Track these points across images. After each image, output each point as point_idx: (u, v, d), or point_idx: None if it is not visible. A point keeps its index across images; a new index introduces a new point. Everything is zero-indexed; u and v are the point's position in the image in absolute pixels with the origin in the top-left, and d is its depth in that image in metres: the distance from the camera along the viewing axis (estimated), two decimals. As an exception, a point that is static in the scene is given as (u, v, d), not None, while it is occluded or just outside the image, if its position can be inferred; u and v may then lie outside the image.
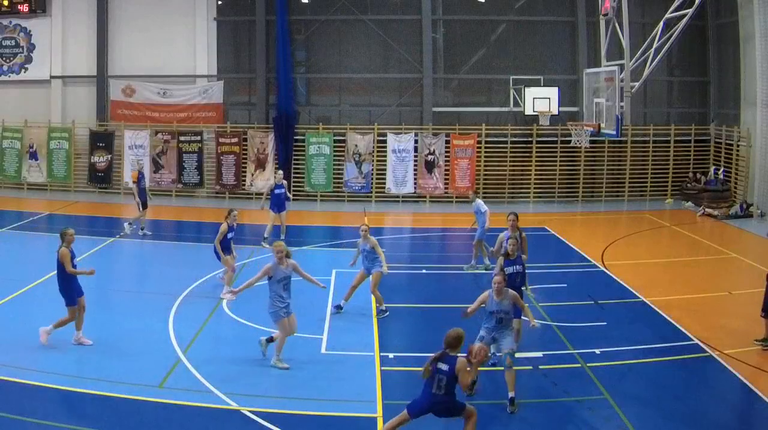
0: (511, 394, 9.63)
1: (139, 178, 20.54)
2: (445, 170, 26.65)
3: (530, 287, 15.17)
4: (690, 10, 20.96)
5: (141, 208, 20.34)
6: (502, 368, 9.97)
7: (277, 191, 19.08)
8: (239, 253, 17.92)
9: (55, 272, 11.76)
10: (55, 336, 11.90)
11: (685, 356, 11.58)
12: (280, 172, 20.20)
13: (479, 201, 17.20)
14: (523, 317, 11.10)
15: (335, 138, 26.77)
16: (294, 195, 26.32)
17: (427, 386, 8.14)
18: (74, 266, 11.72)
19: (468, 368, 8.13)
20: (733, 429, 9.59)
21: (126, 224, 20.44)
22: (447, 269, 16.89)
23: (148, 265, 17.81)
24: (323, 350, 11.73)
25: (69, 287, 11.64)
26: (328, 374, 10.80)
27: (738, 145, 25.31)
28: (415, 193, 26.72)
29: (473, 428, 8.22)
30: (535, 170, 26.80)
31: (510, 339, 10.02)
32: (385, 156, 26.58)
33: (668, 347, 11.96)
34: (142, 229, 20.43)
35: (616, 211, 25.59)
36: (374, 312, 13.58)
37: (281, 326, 10.92)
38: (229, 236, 15.05)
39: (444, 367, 8.01)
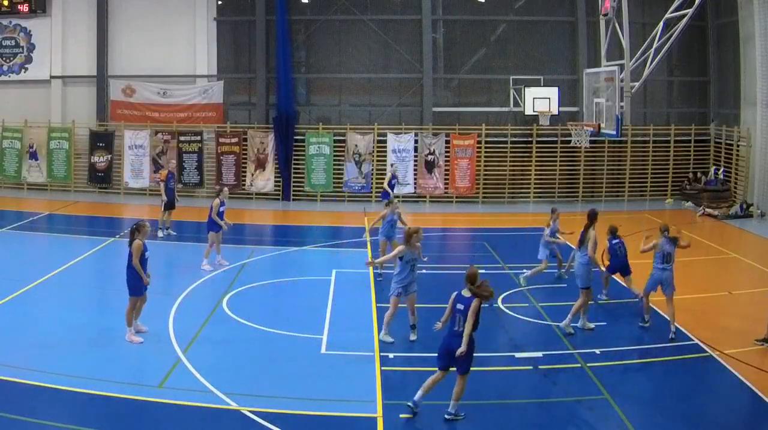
0: None
1: (168, 178, 20.18)
2: (445, 170, 26.65)
3: (527, 287, 15.23)
4: (690, 10, 20.96)
5: (165, 208, 20.08)
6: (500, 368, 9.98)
7: (222, 209, 16.95)
8: (239, 253, 17.96)
9: (126, 263, 12.00)
10: (55, 336, 11.92)
11: (685, 356, 11.58)
12: (226, 189, 18.02)
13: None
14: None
15: (335, 138, 26.77)
16: (294, 195, 26.39)
17: (449, 327, 9.44)
18: (145, 260, 11.92)
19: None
20: (734, 429, 9.58)
21: (159, 231, 19.71)
22: (447, 269, 16.87)
23: (148, 265, 17.77)
24: (323, 350, 11.73)
25: (137, 278, 11.82)
26: (328, 374, 10.80)
27: (738, 145, 25.31)
28: (415, 193, 26.72)
29: (463, 387, 9.31)
30: (535, 170, 26.80)
31: None
32: (385, 156, 26.58)
33: (668, 347, 11.95)
34: (167, 228, 20.09)
35: (616, 211, 25.54)
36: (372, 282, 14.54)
37: (393, 302, 12.07)
38: (222, 209, 16.45)
39: (461, 307, 9.30)
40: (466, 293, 9.34)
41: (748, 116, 24.96)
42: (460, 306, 9.33)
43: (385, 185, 22.91)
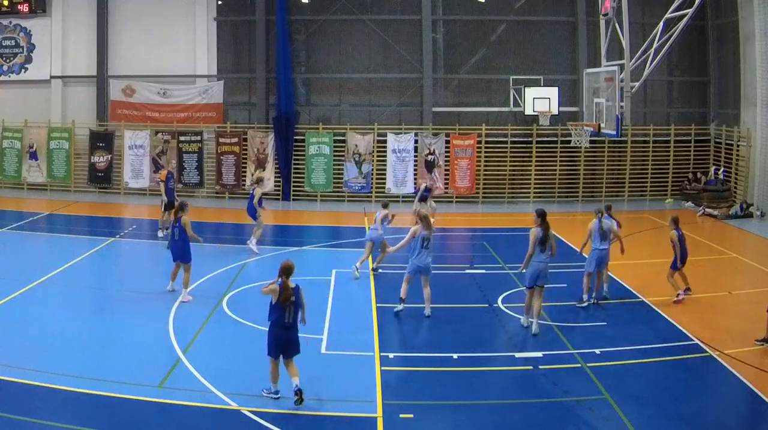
0: None
1: (168, 178, 20.15)
2: (445, 170, 26.65)
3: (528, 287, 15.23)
4: (690, 10, 20.96)
5: (165, 208, 20.06)
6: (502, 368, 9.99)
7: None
8: (239, 253, 17.98)
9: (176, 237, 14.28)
10: (55, 336, 11.92)
11: (686, 356, 11.58)
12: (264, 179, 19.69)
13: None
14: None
15: (335, 138, 26.76)
16: (294, 195, 26.38)
17: None
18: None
19: None
20: (733, 429, 9.58)
21: (159, 231, 19.85)
22: (447, 269, 16.87)
23: (148, 265, 17.79)
24: (323, 350, 11.73)
25: (187, 249, 14.16)
26: (328, 374, 10.79)
27: (738, 145, 25.31)
28: (415, 193, 26.69)
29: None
30: (535, 170, 26.80)
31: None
32: (385, 156, 26.58)
33: (668, 347, 11.96)
34: (167, 228, 20.04)
35: (616, 211, 25.29)
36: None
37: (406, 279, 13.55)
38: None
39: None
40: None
41: (748, 116, 24.95)
42: None
43: (416, 201, 21.50)
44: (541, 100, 25.53)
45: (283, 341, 9.65)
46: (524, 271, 12.74)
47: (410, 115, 27.68)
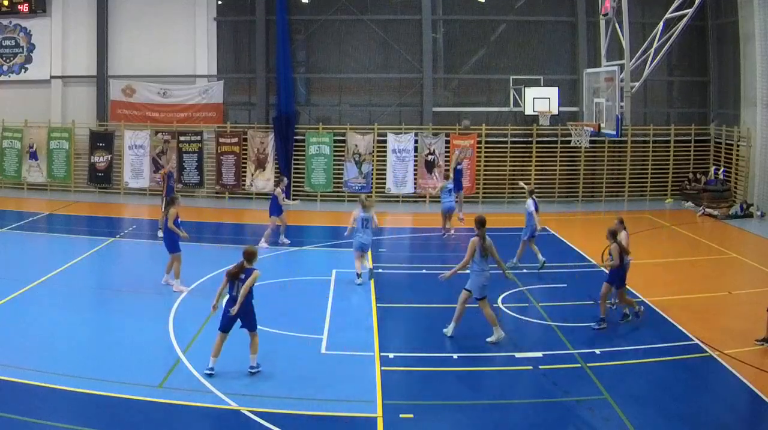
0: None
1: (168, 177, 20.21)
2: (445, 170, 26.63)
3: (527, 287, 15.24)
4: (690, 10, 20.96)
5: (164, 208, 20.00)
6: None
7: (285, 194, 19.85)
8: (239, 253, 17.95)
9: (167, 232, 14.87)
10: (55, 336, 11.92)
11: (686, 356, 11.58)
12: (285, 179, 20.56)
13: (529, 201, 16.86)
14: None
15: (335, 138, 26.76)
16: (294, 195, 26.35)
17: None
18: (178, 225, 14.68)
19: None
20: (733, 429, 9.58)
21: (159, 231, 19.84)
22: (447, 269, 16.85)
23: (148, 265, 17.80)
24: (323, 350, 11.73)
25: (171, 239, 14.73)
26: (328, 374, 10.80)
27: (738, 145, 25.31)
28: (415, 193, 26.72)
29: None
30: (535, 170, 26.79)
31: None
32: (385, 156, 26.58)
33: (668, 347, 11.96)
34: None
35: (616, 211, 25.50)
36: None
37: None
38: (284, 194, 19.03)
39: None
40: None
41: (748, 116, 24.95)
42: None
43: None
44: (541, 100, 25.52)
45: (231, 316, 10.62)
46: (445, 279, 12.33)
47: (410, 115, 27.68)
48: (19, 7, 27.64)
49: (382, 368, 11.01)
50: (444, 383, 10.56)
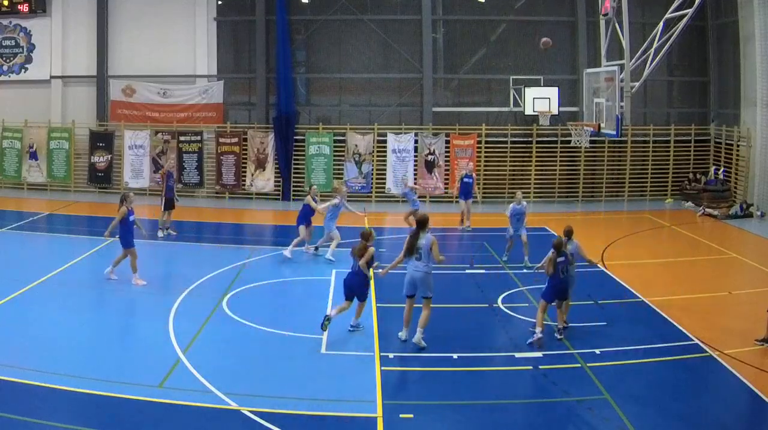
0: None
1: (168, 177, 20.21)
2: (445, 170, 26.65)
3: (527, 287, 15.24)
4: (690, 10, 20.94)
5: (164, 208, 20.06)
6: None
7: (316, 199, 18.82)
8: (239, 253, 17.98)
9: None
10: (55, 336, 11.92)
11: (685, 356, 11.58)
12: (315, 187, 20.10)
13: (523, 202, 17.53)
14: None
15: (335, 138, 26.76)
16: (294, 195, 26.37)
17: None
18: (131, 223, 15.01)
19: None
20: (733, 429, 9.58)
21: (159, 231, 19.80)
22: (447, 269, 16.86)
23: (148, 265, 17.79)
24: (323, 350, 11.72)
25: (123, 235, 14.97)
26: (328, 374, 10.79)
27: (738, 145, 25.31)
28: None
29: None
30: (535, 170, 26.80)
31: None
32: (385, 156, 26.58)
33: (668, 347, 11.96)
34: (167, 228, 19.96)
35: (616, 211, 25.59)
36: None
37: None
38: (315, 199, 18.37)
39: (561, 259, 11.94)
40: None
41: (748, 116, 24.95)
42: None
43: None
44: (541, 100, 25.52)
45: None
46: (382, 275, 12.34)
47: (410, 115, 27.68)
48: (19, 7, 27.64)
49: (382, 368, 11.00)
50: (444, 383, 10.56)
